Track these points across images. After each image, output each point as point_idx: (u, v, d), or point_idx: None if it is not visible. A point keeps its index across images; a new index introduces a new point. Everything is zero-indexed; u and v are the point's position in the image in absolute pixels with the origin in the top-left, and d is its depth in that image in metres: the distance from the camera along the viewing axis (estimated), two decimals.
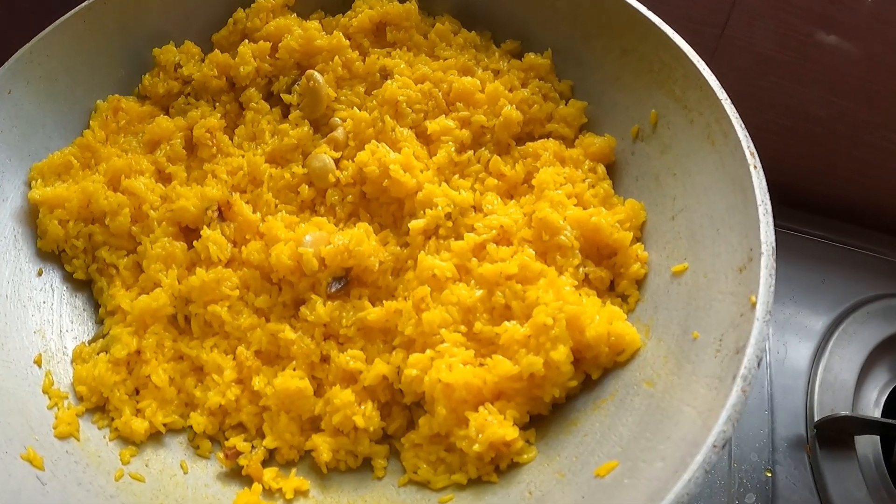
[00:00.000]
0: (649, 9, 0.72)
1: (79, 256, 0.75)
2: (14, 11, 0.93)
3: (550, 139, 0.73)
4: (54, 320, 0.74)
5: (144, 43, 0.83)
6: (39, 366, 0.70)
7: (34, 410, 0.67)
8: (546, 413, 0.62)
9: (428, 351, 0.62)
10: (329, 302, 0.66)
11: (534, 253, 0.65)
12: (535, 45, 0.79)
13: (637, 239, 0.67)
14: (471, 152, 0.72)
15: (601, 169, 0.72)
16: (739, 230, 0.59)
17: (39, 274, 0.76)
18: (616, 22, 0.73)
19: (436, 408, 0.60)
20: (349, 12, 0.81)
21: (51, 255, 0.76)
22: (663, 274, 0.65)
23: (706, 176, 0.64)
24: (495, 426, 0.58)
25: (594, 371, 0.62)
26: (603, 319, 0.61)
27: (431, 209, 0.67)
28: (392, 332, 0.66)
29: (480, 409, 0.60)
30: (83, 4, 0.80)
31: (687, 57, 0.68)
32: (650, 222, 0.69)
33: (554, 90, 0.76)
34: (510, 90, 0.75)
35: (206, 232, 0.70)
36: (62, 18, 0.79)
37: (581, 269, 0.65)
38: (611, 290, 0.67)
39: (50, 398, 0.68)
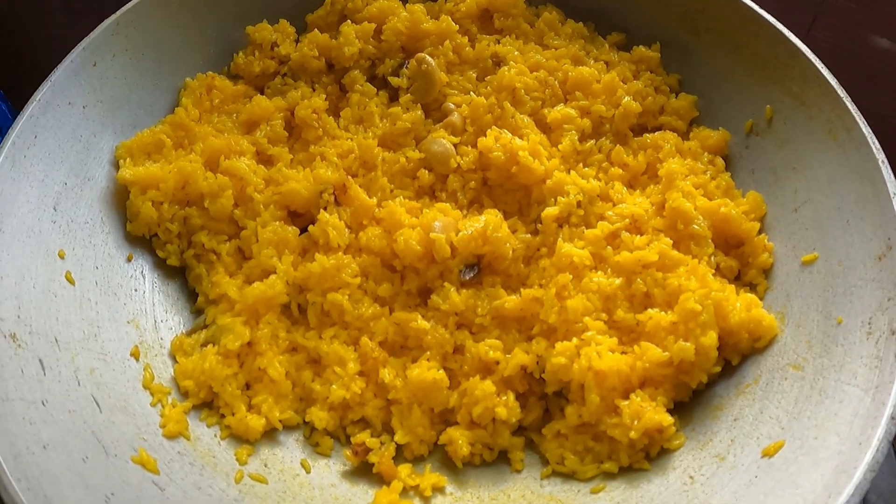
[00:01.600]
0: None
1: (172, 241, 0.70)
2: None
3: (667, 131, 0.73)
4: (147, 310, 0.69)
5: (235, 21, 0.79)
6: (137, 359, 0.65)
7: (137, 407, 0.62)
8: (686, 399, 0.62)
9: (574, 339, 0.61)
10: (463, 290, 0.64)
11: (671, 241, 0.64)
12: (639, 37, 0.80)
13: (760, 231, 0.68)
14: (592, 141, 0.72)
15: (720, 161, 0.72)
16: (872, 221, 0.61)
17: (129, 259, 0.70)
18: (728, 19, 0.75)
19: (588, 396, 0.58)
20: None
21: (140, 239, 0.71)
22: (791, 263, 0.66)
23: (830, 169, 0.66)
24: (650, 412, 0.57)
25: (734, 357, 0.62)
26: (742, 306, 0.61)
27: (563, 197, 0.66)
28: (527, 320, 0.64)
29: (632, 396, 0.59)
30: None
31: (804, 55, 0.69)
32: (771, 214, 0.70)
33: (664, 83, 0.77)
34: (623, 81, 0.75)
35: (324, 216, 0.66)
36: None
37: (713, 257, 0.66)
38: (736, 279, 0.68)
39: (152, 394, 0.63)
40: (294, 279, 0.66)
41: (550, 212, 0.66)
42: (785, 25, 0.75)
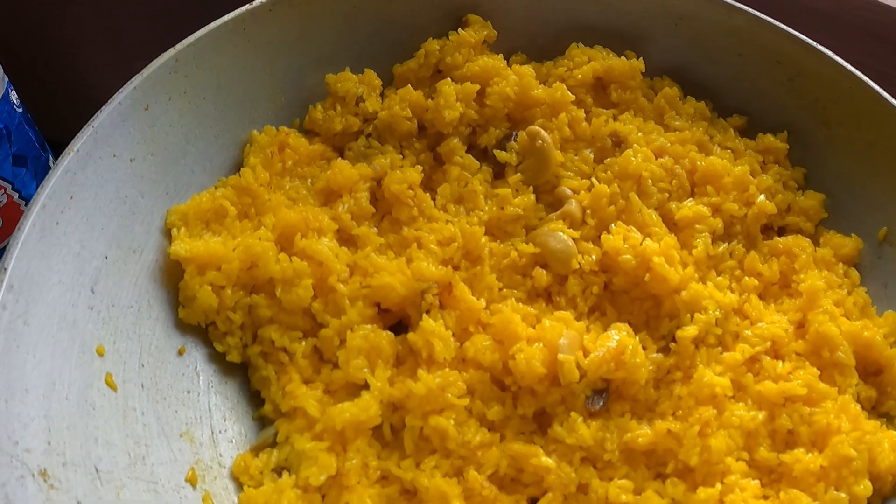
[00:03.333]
0: None
1: (234, 333, 0.59)
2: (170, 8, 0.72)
3: (801, 236, 0.66)
4: (203, 417, 0.57)
5: (312, 65, 0.67)
6: (194, 485, 0.53)
7: None
8: None
9: (717, 485, 0.53)
10: (592, 421, 0.55)
11: (817, 371, 0.57)
12: (761, 122, 0.72)
13: None
14: (725, 245, 0.64)
15: (854, 274, 0.66)
16: None
17: (181, 353, 0.58)
18: (865, 112, 0.68)
19: None
20: (562, 60, 0.70)
21: (193, 327, 0.59)
22: None
23: None
24: None
25: (876, 501, 0.56)
26: (890, 447, 0.55)
27: (701, 313, 0.58)
28: (658, 454, 0.56)
29: None
30: (245, 8, 0.63)
31: None
32: None
33: (791, 178, 0.70)
34: (752, 174, 0.67)
35: (427, 322, 0.56)
36: (217, 22, 0.62)
37: (855, 387, 0.59)
38: (871, 408, 0.62)
39: None
40: (389, 397, 0.55)
41: (688, 331, 0.57)
42: None
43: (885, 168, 0.68)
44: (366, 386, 0.56)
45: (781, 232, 0.69)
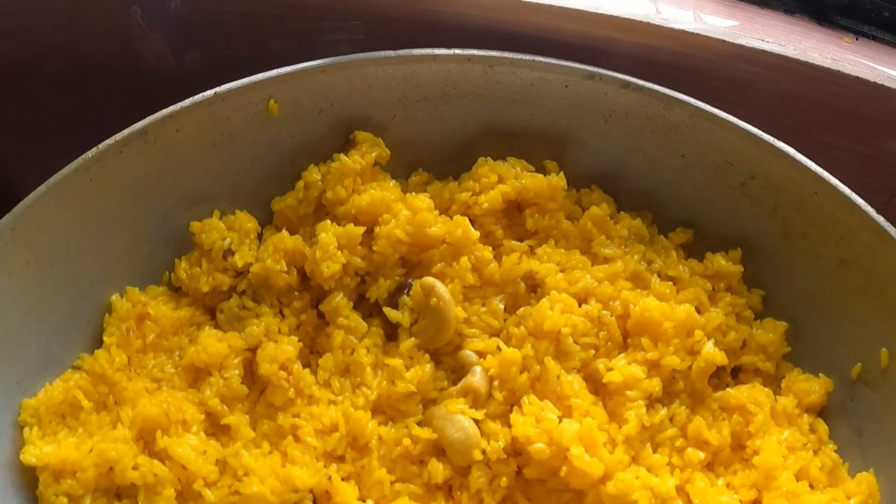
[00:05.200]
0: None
1: None
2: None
3: (756, 385, 0.56)
4: None
5: (179, 208, 0.58)
6: None
7: None
8: None
9: None
10: None
11: None
12: (711, 234, 0.61)
13: None
14: (663, 411, 0.54)
15: (822, 428, 0.55)
16: None
17: None
18: (834, 222, 0.57)
19: None
20: (467, 181, 0.59)
21: None
22: None
23: None
24: None
25: None
26: None
27: None
28: None
29: None
30: (90, 153, 0.54)
31: None
32: (885, 498, 0.54)
33: (746, 305, 0.59)
34: (698, 310, 0.57)
35: None
36: (57, 176, 0.53)
37: None
38: None
39: None
40: None
41: None
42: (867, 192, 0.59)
43: (859, 291, 0.57)
44: None
45: (736, 373, 0.59)
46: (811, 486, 0.53)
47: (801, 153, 0.59)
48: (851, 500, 0.52)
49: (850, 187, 0.58)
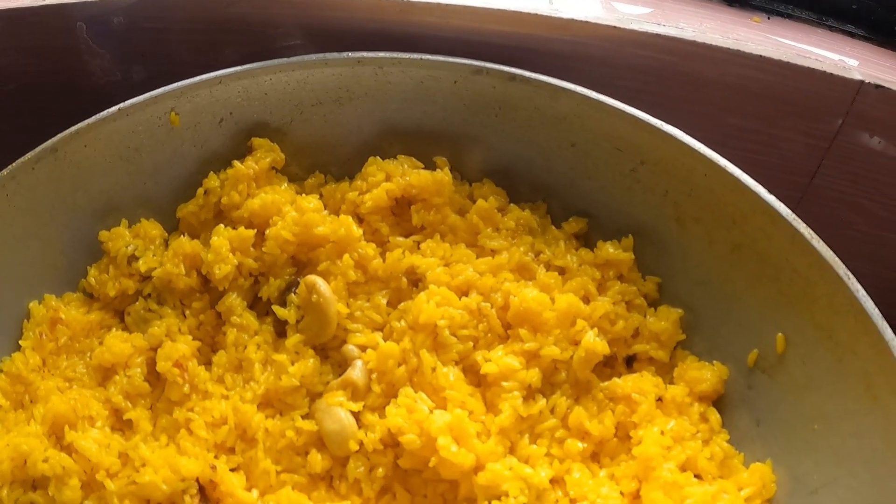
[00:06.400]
0: (735, 161, 0.55)
1: None
2: None
3: (644, 374, 0.55)
4: None
5: (92, 219, 0.61)
6: None
7: None
8: None
9: None
10: None
11: None
12: (606, 223, 0.60)
13: None
14: (543, 401, 0.54)
15: (714, 417, 0.54)
16: None
17: None
18: (725, 205, 0.55)
19: None
20: (357, 181, 0.61)
21: None
22: None
23: (868, 442, 0.48)
24: None
25: None
26: None
27: (499, 499, 0.49)
28: None
29: None
30: (4, 172, 0.58)
31: (833, 270, 0.50)
32: (782, 488, 0.52)
33: (639, 293, 0.58)
34: (585, 300, 0.57)
35: None
36: None
37: None
38: None
39: None
40: None
41: None
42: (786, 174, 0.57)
43: (754, 276, 0.55)
44: None
45: (631, 363, 0.58)
46: (699, 478, 0.52)
47: (710, 138, 0.58)
48: (743, 492, 0.51)
49: (765, 172, 0.56)
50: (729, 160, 0.56)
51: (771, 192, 0.54)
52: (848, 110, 0.66)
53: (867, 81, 0.64)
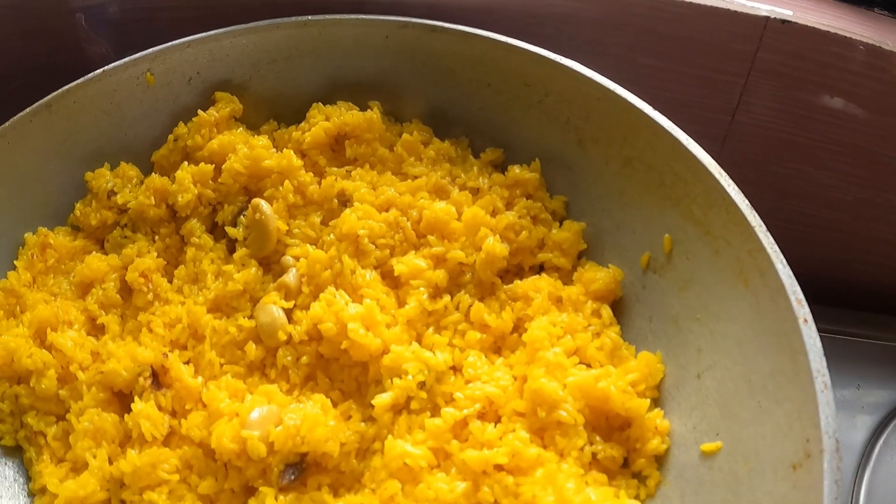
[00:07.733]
0: (652, 100, 0.61)
1: (5, 420, 0.65)
2: None
3: (543, 275, 0.62)
4: None
5: (80, 165, 0.72)
6: None
7: None
8: None
9: None
10: (282, 495, 0.55)
11: (527, 436, 0.53)
12: (521, 152, 0.68)
13: (655, 402, 0.56)
14: (448, 297, 0.61)
15: (606, 312, 0.60)
16: (790, 407, 0.48)
17: None
18: (616, 125, 0.62)
19: None
20: (302, 124, 0.70)
21: None
22: (691, 450, 0.53)
23: (740, 325, 0.53)
24: None
25: None
26: None
27: (400, 378, 0.56)
28: None
29: None
30: (7, 123, 0.70)
31: (706, 169, 0.56)
32: (671, 377, 0.57)
33: (545, 209, 0.65)
34: (493, 214, 0.63)
35: (137, 404, 0.59)
36: None
37: (587, 448, 0.54)
38: (625, 466, 0.56)
39: None
40: (110, 475, 0.59)
41: (383, 401, 0.55)
42: (709, 111, 0.62)
43: (643, 185, 0.61)
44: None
45: (540, 272, 0.64)
46: (588, 366, 0.57)
47: (624, 77, 0.64)
48: (629, 376, 0.56)
49: (685, 111, 0.62)
50: (645, 100, 0.61)
51: (693, 130, 0.59)
52: (758, 46, 0.71)
53: (773, 18, 0.69)
